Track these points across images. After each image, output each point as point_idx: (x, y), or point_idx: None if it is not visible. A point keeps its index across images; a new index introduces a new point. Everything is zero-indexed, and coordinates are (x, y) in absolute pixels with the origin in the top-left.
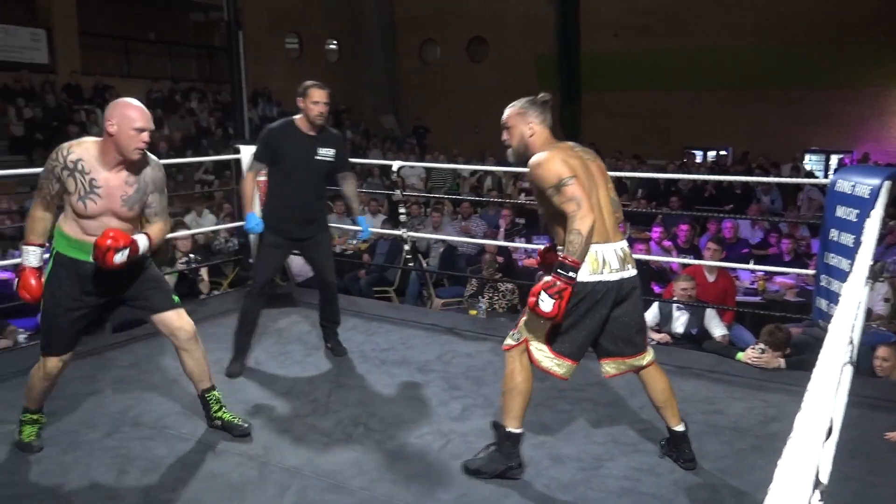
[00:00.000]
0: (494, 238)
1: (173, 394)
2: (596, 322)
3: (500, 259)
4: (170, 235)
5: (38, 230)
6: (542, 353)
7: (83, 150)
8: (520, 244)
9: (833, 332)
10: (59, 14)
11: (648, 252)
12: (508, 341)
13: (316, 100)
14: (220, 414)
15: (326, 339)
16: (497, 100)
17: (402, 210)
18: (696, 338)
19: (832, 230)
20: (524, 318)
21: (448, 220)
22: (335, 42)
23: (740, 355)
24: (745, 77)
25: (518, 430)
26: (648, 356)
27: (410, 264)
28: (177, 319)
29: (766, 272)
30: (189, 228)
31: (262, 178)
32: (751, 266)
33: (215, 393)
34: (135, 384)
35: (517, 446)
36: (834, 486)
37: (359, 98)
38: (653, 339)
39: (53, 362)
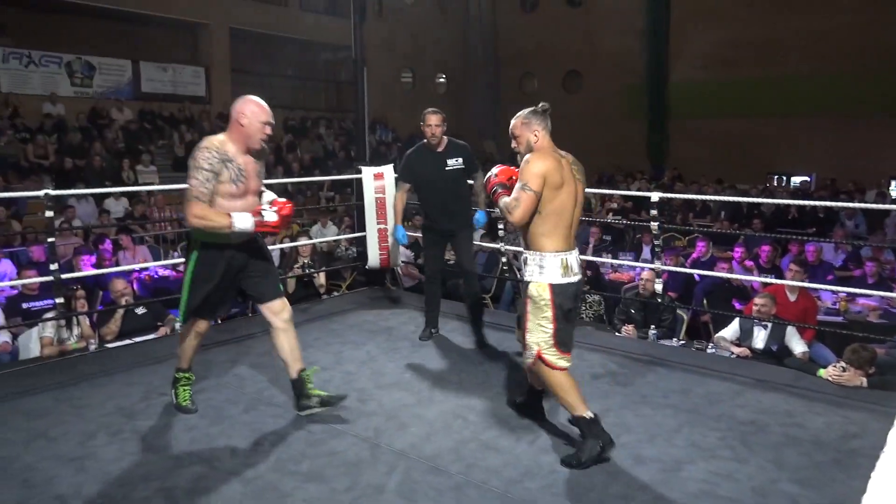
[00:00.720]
0: (583, 252)
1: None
2: (573, 317)
3: (588, 272)
4: (294, 244)
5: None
6: (555, 356)
7: (222, 143)
8: (606, 259)
9: None
10: (216, 55)
11: (730, 270)
12: (527, 360)
13: (428, 123)
14: (315, 392)
15: (473, 319)
16: (589, 127)
17: (500, 226)
18: (776, 354)
19: None
20: (528, 336)
21: None
22: (444, 76)
23: (821, 372)
24: (830, 104)
25: (589, 414)
26: None
27: (506, 274)
28: (279, 305)
29: (849, 293)
30: (313, 238)
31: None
32: (833, 287)
33: (307, 371)
34: (268, 369)
35: (597, 425)
36: None
37: (463, 125)
38: (732, 353)
39: (204, 324)
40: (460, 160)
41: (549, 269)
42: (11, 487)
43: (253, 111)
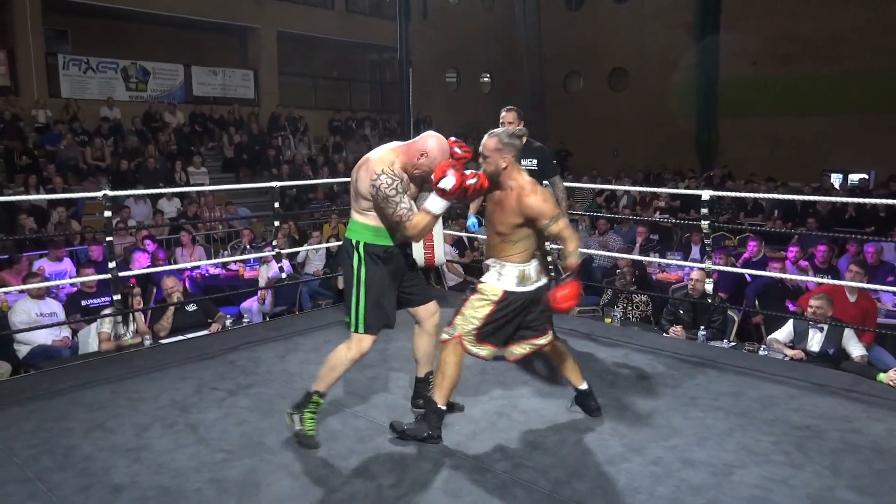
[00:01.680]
0: (630, 252)
1: (347, 376)
2: (518, 321)
3: (636, 272)
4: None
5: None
6: (471, 344)
7: (392, 165)
8: (654, 258)
9: None
10: (264, 58)
11: (784, 271)
12: (444, 335)
13: (502, 120)
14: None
15: None
16: (636, 126)
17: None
18: (833, 357)
19: None
20: (458, 318)
21: (586, 235)
22: (488, 76)
23: (881, 377)
24: (888, 101)
25: (443, 407)
26: (547, 337)
27: (552, 275)
28: (434, 308)
29: None
30: None
31: None
32: (894, 288)
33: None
34: (315, 365)
35: (441, 419)
36: None
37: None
38: (786, 355)
39: (369, 342)
40: (534, 161)
41: (506, 277)
42: (72, 476)
43: (435, 158)
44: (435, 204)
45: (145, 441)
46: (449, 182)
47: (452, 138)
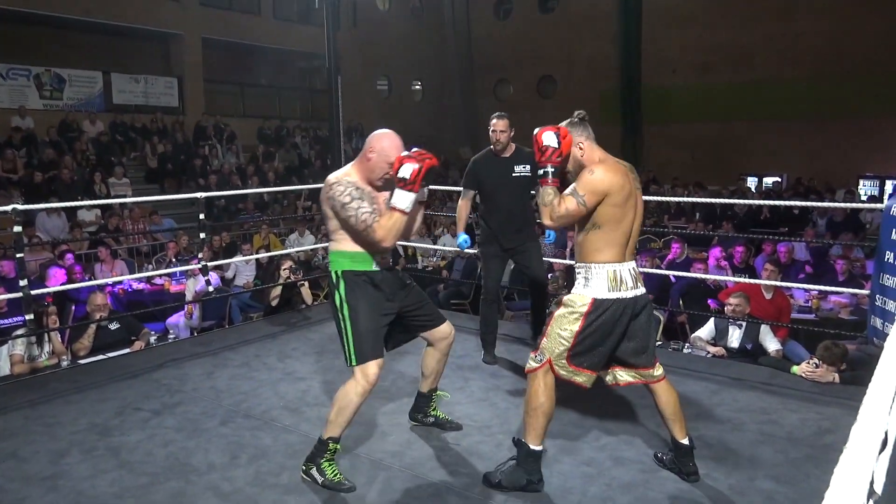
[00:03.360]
0: (563, 257)
1: (279, 391)
2: (615, 337)
3: (567, 275)
4: (273, 253)
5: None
6: (563, 369)
7: (348, 175)
8: None
9: (889, 348)
10: (189, 64)
11: (706, 271)
12: (532, 364)
13: (493, 128)
14: (435, 412)
15: (535, 334)
16: None
17: (477, 231)
18: (751, 352)
19: (888, 252)
20: (544, 341)
21: None
22: (419, 83)
23: (795, 369)
24: (800, 107)
25: (539, 448)
26: (660, 369)
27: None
28: (448, 330)
29: (821, 291)
30: (289, 247)
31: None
32: (807, 285)
33: (438, 394)
34: (245, 381)
35: (538, 462)
36: (888, 498)
37: (440, 131)
38: (708, 352)
39: (374, 369)
40: (528, 167)
41: (594, 280)
42: None
43: (382, 148)
44: (400, 199)
45: (62, 468)
46: (408, 170)
47: (415, 149)
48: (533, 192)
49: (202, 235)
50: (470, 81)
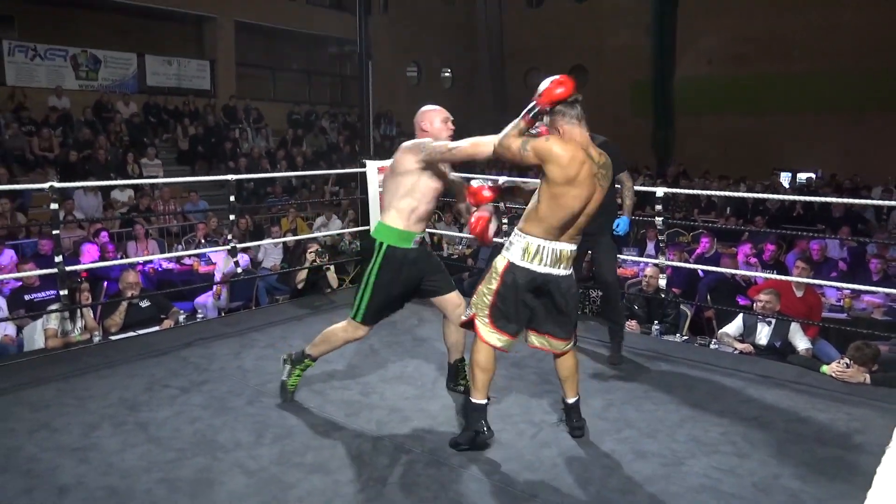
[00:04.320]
0: None
1: (304, 372)
2: (521, 304)
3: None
4: (300, 237)
5: None
6: (486, 328)
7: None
8: None
9: None
10: (221, 48)
11: (735, 266)
12: (462, 317)
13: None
14: (465, 380)
15: (611, 337)
16: (594, 123)
17: (504, 220)
18: (780, 350)
19: None
20: (474, 297)
21: None
22: (449, 70)
23: (825, 368)
24: (837, 100)
25: (481, 402)
26: (568, 345)
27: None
28: (457, 299)
29: (854, 290)
30: (316, 231)
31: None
32: (839, 284)
33: (464, 363)
34: (271, 362)
35: (482, 415)
36: None
37: (469, 119)
38: (736, 349)
39: (364, 331)
40: None
41: (514, 247)
42: (15, 477)
43: (430, 114)
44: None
45: (93, 441)
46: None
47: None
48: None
49: (231, 217)
50: (500, 69)
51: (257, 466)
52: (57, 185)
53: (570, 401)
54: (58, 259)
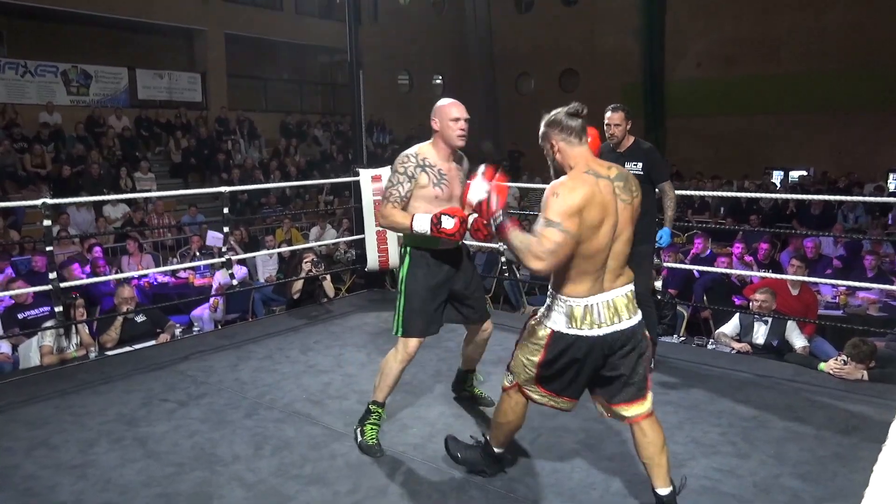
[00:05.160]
0: None
1: (301, 383)
2: (584, 373)
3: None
4: (296, 247)
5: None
6: (536, 393)
7: (421, 150)
8: None
9: None
10: (212, 60)
11: (730, 266)
12: (505, 382)
13: (606, 122)
14: (471, 388)
15: None
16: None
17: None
18: (777, 349)
19: None
20: (512, 362)
21: None
22: (440, 77)
23: (822, 366)
24: (827, 101)
25: (500, 451)
26: (645, 405)
27: (506, 274)
28: (488, 326)
29: (849, 287)
30: (311, 241)
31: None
32: (834, 281)
33: (476, 375)
34: (268, 373)
35: (498, 463)
36: None
37: None
38: (733, 349)
39: (414, 343)
40: (639, 165)
41: (555, 313)
42: (13, 496)
43: (440, 110)
44: (420, 222)
45: (91, 457)
46: (448, 223)
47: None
48: (658, 185)
49: (226, 229)
50: (491, 75)
51: (256, 479)
52: (50, 201)
53: (662, 492)
54: (52, 276)
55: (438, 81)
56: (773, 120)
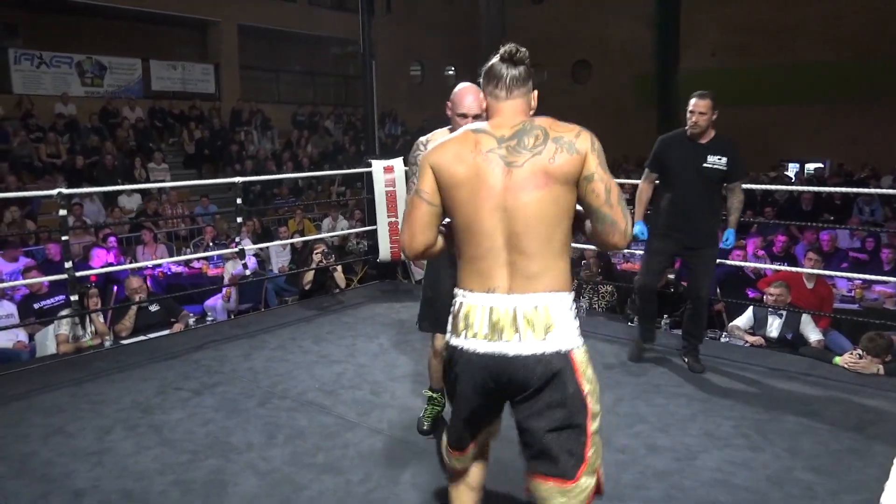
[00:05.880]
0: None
1: (314, 373)
2: (466, 406)
3: (601, 263)
4: (308, 238)
5: None
6: (445, 448)
7: (437, 135)
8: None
9: None
10: (225, 51)
11: (745, 259)
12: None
13: (691, 108)
14: None
15: (684, 353)
16: (599, 118)
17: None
18: (791, 343)
19: None
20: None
21: None
22: (453, 69)
23: (837, 360)
24: (844, 90)
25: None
26: (578, 495)
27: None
28: None
29: (865, 280)
30: (324, 232)
31: None
32: (849, 274)
33: None
34: (281, 363)
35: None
36: None
37: None
38: (746, 342)
39: (440, 339)
40: (724, 160)
41: (452, 318)
42: (31, 482)
43: (454, 99)
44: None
45: (107, 444)
46: None
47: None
48: (728, 185)
49: (239, 220)
50: None
51: (269, 467)
52: (65, 191)
53: None
54: (68, 265)
55: (451, 72)
56: (789, 110)
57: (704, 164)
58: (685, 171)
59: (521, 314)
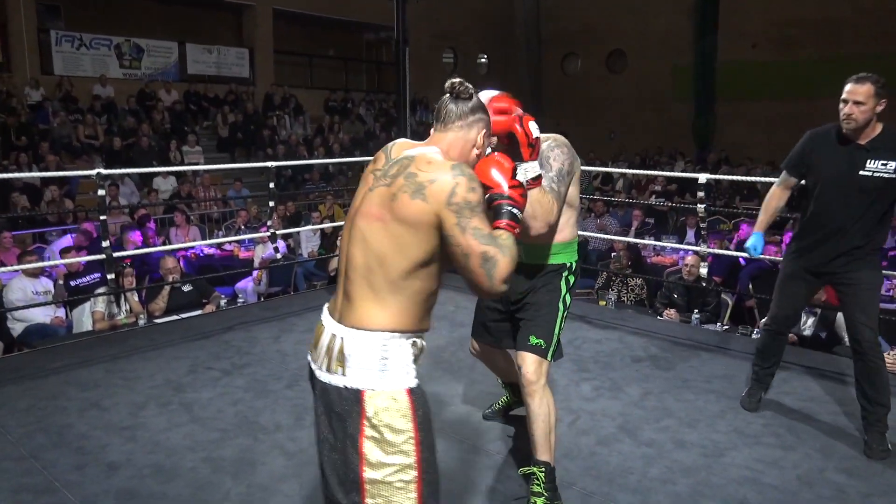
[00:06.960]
0: (626, 235)
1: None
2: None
3: (631, 255)
4: (337, 223)
5: None
6: None
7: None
8: (649, 242)
9: None
10: (259, 36)
11: (779, 254)
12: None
13: (844, 97)
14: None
15: (864, 425)
16: (633, 108)
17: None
18: (825, 341)
19: None
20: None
21: (583, 218)
22: (485, 56)
23: None
24: (891, 84)
25: None
26: None
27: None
28: (519, 361)
29: None
30: None
31: None
32: (887, 272)
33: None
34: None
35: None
36: None
37: None
38: None
39: (472, 343)
40: (892, 165)
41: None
42: (67, 454)
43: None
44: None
45: (140, 420)
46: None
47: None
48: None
49: (271, 204)
50: (537, 55)
51: (297, 448)
52: (104, 171)
53: None
54: (105, 244)
55: (484, 60)
56: (832, 105)
57: (861, 172)
58: (836, 178)
59: (327, 341)
